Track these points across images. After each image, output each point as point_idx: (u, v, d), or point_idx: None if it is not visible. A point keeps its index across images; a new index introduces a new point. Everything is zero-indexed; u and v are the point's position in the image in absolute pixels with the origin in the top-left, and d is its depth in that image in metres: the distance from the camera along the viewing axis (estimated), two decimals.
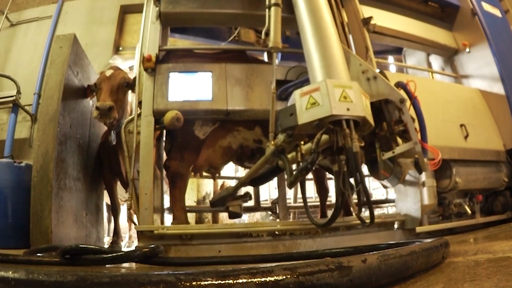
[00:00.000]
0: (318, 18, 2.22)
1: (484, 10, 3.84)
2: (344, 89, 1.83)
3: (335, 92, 1.81)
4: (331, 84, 1.83)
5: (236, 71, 2.72)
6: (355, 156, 1.77)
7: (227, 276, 0.89)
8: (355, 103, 1.82)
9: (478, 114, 3.45)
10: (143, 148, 2.48)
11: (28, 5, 5.01)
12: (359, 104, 1.84)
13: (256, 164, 2.30)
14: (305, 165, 1.90)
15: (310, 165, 1.88)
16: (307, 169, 1.92)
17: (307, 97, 1.85)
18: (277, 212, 3.74)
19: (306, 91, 1.88)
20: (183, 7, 2.90)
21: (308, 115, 1.83)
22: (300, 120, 1.85)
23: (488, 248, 1.78)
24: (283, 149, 2.09)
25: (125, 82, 3.06)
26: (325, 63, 2.03)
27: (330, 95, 1.79)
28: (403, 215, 2.73)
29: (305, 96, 1.87)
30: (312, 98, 1.84)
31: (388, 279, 1.14)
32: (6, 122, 3.93)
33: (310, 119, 1.82)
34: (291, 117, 1.90)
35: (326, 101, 1.78)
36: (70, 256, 1.64)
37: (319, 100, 1.81)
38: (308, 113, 1.83)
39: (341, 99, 1.80)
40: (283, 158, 2.08)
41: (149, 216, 2.37)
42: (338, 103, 1.78)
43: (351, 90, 1.85)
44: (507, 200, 3.32)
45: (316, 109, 1.81)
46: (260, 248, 2.39)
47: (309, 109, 1.83)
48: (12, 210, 2.81)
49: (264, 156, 2.21)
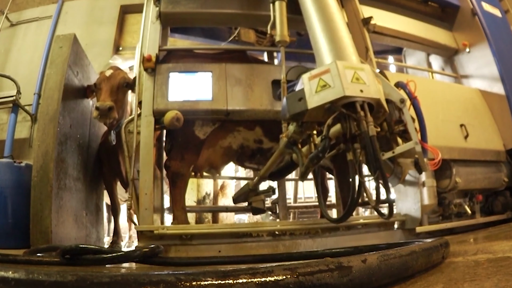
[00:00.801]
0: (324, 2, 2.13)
1: (484, 10, 3.83)
2: (355, 70, 1.70)
3: (346, 73, 1.67)
4: (342, 66, 1.69)
5: (236, 71, 2.72)
6: (371, 140, 1.61)
7: (227, 276, 0.89)
8: (368, 85, 1.68)
9: (478, 114, 3.45)
10: (143, 148, 2.48)
11: (28, 5, 5.01)
12: (373, 86, 1.70)
13: (272, 158, 2.24)
14: (316, 153, 1.76)
15: (321, 153, 1.72)
16: (318, 158, 1.76)
17: (317, 80, 1.70)
18: (277, 212, 3.74)
19: (315, 74, 1.73)
20: (183, 7, 2.90)
21: (318, 99, 1.68)
22: (310, 104, 1.70)
23: (488, 248, 1.78)
24: (295, 140, 1.98)
25: (125, 82, 3.06)
26: (333, 46, 1.91)
27: (341, 76, 1.64)
28: (403, 215, 2.73)
29: (315, 79, 1.72)
30: (322, 81, 1.69)
31: (388, 279, 1.14)
32: (6, 122, 3.93)
33: (321, 102, 1.66)
34: (300, 102, 1.74)
35: (338, 82, 1.64)
36: (70, 256, 1.64)
37: (330, 82, 1.67)
38: (318, 96, 1.68)
39: (354, 80, 1.66)
40: (295, 150, 1.98)
41: (149, 216, 2.37)
42: (350, 84, 1.64)
43: (363, 72, 1.72)
44: (507, 200, 3.32)
45: (327, 92, 1.66)
46: (260, 248, 2.39)
47: (319, 92, 1.68)
48: (12, 210, 2.81)
49: (278, 149, 2.14)
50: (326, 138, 1.69)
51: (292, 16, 2.45)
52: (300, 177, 1.99)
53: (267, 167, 2.31)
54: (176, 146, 2.83)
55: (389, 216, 1.76)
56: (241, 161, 3.23)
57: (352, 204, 1.74)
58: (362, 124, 1.62)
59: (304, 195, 6.52)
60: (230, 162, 3.33)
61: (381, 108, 1.75)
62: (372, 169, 1.65)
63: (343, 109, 1.66)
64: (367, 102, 1.68)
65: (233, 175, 6.07)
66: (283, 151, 2.09)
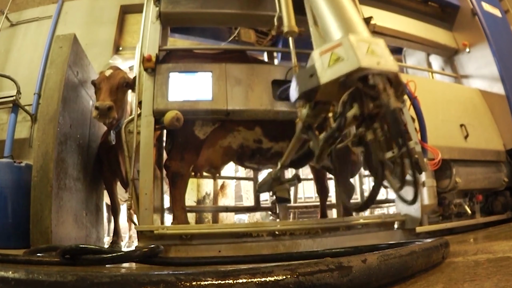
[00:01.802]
0: None
1: (484, 10, 3.83)
2: (370, 44, 1.58)
3: (360, 46, 1.55)
4: (355, 39, 1.57)
5: (236, 71, 2.72)
6: (394, 113, 1.46)
7: (227, 276, 0.89)
8: (385, 57, 1.56)
9: (478, 114, 3.45)
10: (143, 148, 2.48)
11: (28, 5, 5.01)
12: (389, 59, 1.57)
13: (290, 145, 2.17)
14: (331, 132, 1.62)
15: (337, 131, 1.59)
16: (333, 137, 1.63)
17: (329, 54, 1.58)
18: (277, 212, 3.74)
19: (327, 49, 1.61)
20: (183, 7, 2.90)
21: (331, 73, 1.55)
22: (323, 79, 1.57)
23: (488, 248, 1.78)
24: (310, 124, 1.86)
25: (125, 82, 3.06)
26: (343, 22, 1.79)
27: (355, 48, 1.52)
28: (403, 215, 2.73)
29: (326, 53, 1.59)
30: (334, 54, 1.57)
31: (388, 279, 1.14)
32: (6, 122, 3.93)
33: (335, 76, 1.54)
34: (311, 78, 1.62)
35: (352, 54, 1.52)
36: (70, 256, 1.64)
37: (343, 55, 1.55)
38: (331, 70, 1.56)
39: (369, 52, 1.54)
40: (310, 135, 1.87)
41: (149, 216, 2.37)
42: (366, 56, 1.52)
43: (378, 46, 1.60)
44: (507, 200, 3.32)
45: (341, 64, 1.54)
46: (260, 248, 2.39)
47: (332, 66, 1.56)
48: (12, 210, 2.81)
49: (295, 136, 2.06)
50: (342, 115, 1.55)
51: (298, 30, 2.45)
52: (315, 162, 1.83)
53: (287, 154, 2.24)
54: (176, 146, 2.83)
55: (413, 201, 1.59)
56: (241, 161, 3.23)
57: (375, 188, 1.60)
58: (382, 96, 1.47)
59: (304, 195, 6.52)
60: (230, 162, 3.33)
61: (399, 84, 1.60)
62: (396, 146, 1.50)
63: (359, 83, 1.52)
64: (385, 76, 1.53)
65: (233, 175, 6.07)
66: (299, 136, 2.00)
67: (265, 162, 3.20)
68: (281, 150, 3.04)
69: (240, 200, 7.27)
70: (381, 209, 5.94)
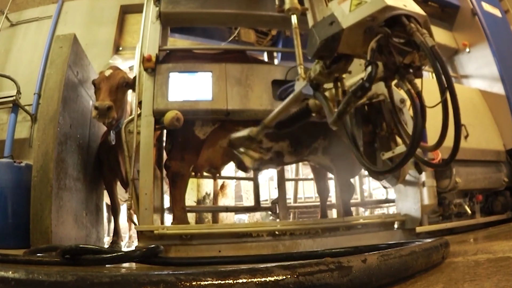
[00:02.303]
0: None
1: (484, 10, 3.83)
2: None
3: None
4: None
5: (236, 71, 2.72)
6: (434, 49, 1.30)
7: (227, 276, 0.89)
8: (410, 2, 1.44)
9: (478, 114, 3.45)
10: (143, 148, 2.49)
11: (28, 5, 5.01)
12: (415, 4, 1.45)
13: (283, 104, 1.98)
14: (361, 84, 1.42)
15: (368, 82, 1.40)
16: (363, 89, 1.42)
17: (349, 1, 1.44)
18: (277, 212, 3.74)
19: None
20: (183, 7, 2.91)
21: (354, 16, 1.40)
22: (346, 23, 1.40)
23: (488, 248, 1.78)
24: (319, 83, 1.67)
25: (124, 82, 3.06)
26: None
27: None
28: (403, 215, 2.73)
29: (346, 1, 1.45)
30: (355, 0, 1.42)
31: (388, 279, 1.14)
32: (6, 122, 3.93)
33: (360, 17, 1.38)
34: (331, 26, 1.44)
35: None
36: (70, 256, 1.64)
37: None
38: (354, 14, 1.41)
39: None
40: (318, 96, 1.66)
41: (149, 216, 2.37)
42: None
43: None
44: (507, 200, 3.32)
45: (365, 7, 1.39)
46: (260, 248, 2.39)
47: (354, 10, 1.41)
48: (12, 210, 2.81)
49: (293, 94, 1.87)
50: (373, 63, 1.38)
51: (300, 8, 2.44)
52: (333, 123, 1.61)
53: (275, 114, 2.04)
54: (176, 146, 2.83)
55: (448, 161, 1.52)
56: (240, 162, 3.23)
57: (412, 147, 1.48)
58: (416, 35, 1.32)
59: (304, 195, 6.52)
60: (230, 162, 3.33)
61: (429, 29, 1.45)
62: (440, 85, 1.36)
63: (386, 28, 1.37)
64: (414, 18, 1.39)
65: (233, 175, 6.07)
66: (299, 96, 1.82)
67: (265, 162, 3.20)
68: (281, 150, 3.04)
69: (240, 200, 7.27)
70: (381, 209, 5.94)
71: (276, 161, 3.19)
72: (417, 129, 1.43)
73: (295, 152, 3.08)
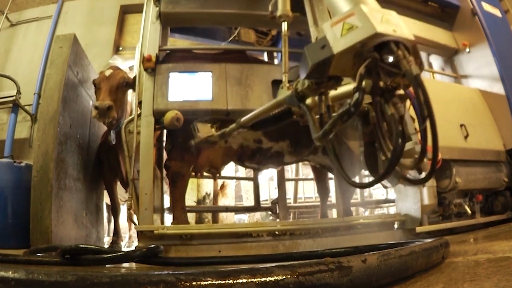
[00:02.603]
0: None
1: (484, 10, 3.83)
2: (383, 14, 1.50)
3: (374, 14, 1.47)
4: (368, 7, 1.50)
5: (236, 71, 2.72)
6: (418, 79, 1.37)
7: (227, 276, 0.89)
8: (400, 26, 1.48)
9: (478, 114, 3.45)
10: (143, 148, 2.49)
11: (28, 5, 5.01)
12: (405, 28, 1.49)
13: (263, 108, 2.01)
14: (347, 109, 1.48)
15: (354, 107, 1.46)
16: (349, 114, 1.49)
17: (341, 24, 1.49)
18: (277, 212, 3.74)
19: (338, 19, 1.52)
20: (183, 7, 2.91)
21: (345, 41, 1.44)
22: (336, 48, 1.45)
23: (488, 248, 1.78)
24: (304, 96, 1.74)
25: (125, 82, 3.06)
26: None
27: (370, 15, 1.45)
28: (403, 215, 2.73)
29: (338, 24, 1.50)
30: (347, 24, 1.48)
31: (388, 279, 1.14)
32: (6, 122, 3.93)
33: (350, 43, 1.43)
34: (323, 49, 1.49)
35: (367, 21, 1.44)
36: (70, 256, 1.64)
37: (357, 23, 1.46)
38: (345, 39, 1.45)
39: (383, 20, 1.46)
40: (303, 108, 1.72)
41: (149, 216, 2.37)
42: (381, 23, 1.43)
43: (391, 16, 1.51)
44: (507, 200, 3.32)
45: (356, 32, 1.44)
46: (260, 248, 2.39)
47: (345, 35, 1.46)
48: (12, 210, 2.81)
49: (275, 100, 1.90)
50: (360, 89, 1.44)
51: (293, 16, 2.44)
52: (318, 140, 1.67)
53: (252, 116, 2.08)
54: (176, 146, 2.83)
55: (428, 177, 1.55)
56: (241, 161, 3.23)
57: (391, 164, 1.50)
58: (402, 63, 1.38)
59: (304, 195, 6.52)
60: (230, 162, 3.33)
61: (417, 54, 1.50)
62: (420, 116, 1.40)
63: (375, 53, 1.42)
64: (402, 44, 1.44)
65: (233, 175, 6.07)
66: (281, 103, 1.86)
67: (265, 162, 3.20)
68: (281, 150, 3.04)
69: (240, 200, 7.27)
70: (381, 209, 5.94)
71: (276, 161, 3.19)
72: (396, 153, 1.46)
73: (295, 152, 3.08)
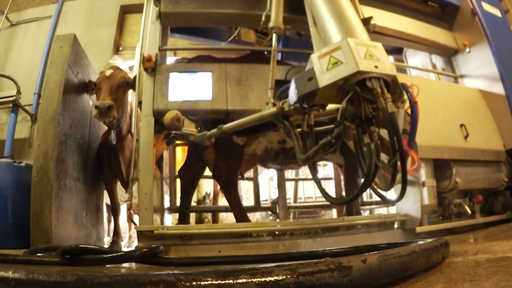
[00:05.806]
0: None
1: (484, 10, 3.83)
2: (368, 47, 1.62)
3: (359, 49, 1.58)
4: (354, 42, 1.61)
5: (236, 71, 2.72)
6: (391, 117, 1.49)
7: (227, 276, 0.89)
8: (382, 61, 1.60)
9: (478, 114, 3.44)
10: (143, 148, 2.49)
11: (28, 5, 5.01)
12: (387, 63, 1.61)
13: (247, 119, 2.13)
14: (329, 140, 1.64)
15: (335, 139, 1.61)
16: (331, 144, 1.65)
17: (327, 58, 1.61)
18: (277, 212, 3.74)
19: (326, 52, 1.64)
20: (183, 7, 2.91)
21: (330, 76, 1.58)
22: (321, 82, 1.59)
23: (488, 248, 1.78)
24: (289, 115, 1.87)
25: (125, 82, 3.06)
26: (342, 26, 1.82)
27: (354, 52, 1.56)
28: (403, 215, 2.73)
29: (325, 57, 1.62)
30: (333, 58, 1.60)
31: (388, 279, 1.14)
32: (6, 122, 3.93)
33: (334, 80, 1.57)
34: (310, 82, 1.64)
35: (351, 58, 1.55)
36: (70, 256, 1.64)
37: (342, 58, 1.57)
38: (330, 74, 1.59)
39: (367, 56, 1.57)
40: (287, 125, 1.86)
41: (149, 216, 2.38)
42: (364, 60, 1.55)
43: (376, 49, 1.63)
44: (507, 200, 3.32)
45: (340, 68, 1.56)
46: (260, 248, 2.39)
47: (330, 70, 1.59)
48: (12, 210, 2.81)
49: (259, 114, 2.03)
50: (341, 124, 1.58)
51: (291, 16, 2.45)
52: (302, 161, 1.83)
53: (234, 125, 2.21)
54: (220, 155, 2.91)
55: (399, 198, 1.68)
56: (264, 163, 3.26)
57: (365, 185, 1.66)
58: (379, 100, 1.50)
59: (304, 195, 6.51)
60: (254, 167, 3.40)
61: (397, 87, 1.64)
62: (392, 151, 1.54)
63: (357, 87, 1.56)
64: (383, 79, 1.58)
65: None
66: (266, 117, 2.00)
67: (288, 162, 3.23)
68: None
69: None
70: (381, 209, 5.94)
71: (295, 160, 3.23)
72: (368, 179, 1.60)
73: None
